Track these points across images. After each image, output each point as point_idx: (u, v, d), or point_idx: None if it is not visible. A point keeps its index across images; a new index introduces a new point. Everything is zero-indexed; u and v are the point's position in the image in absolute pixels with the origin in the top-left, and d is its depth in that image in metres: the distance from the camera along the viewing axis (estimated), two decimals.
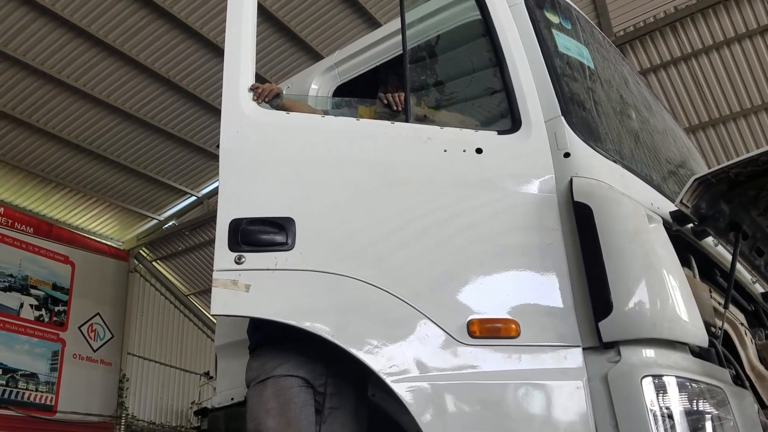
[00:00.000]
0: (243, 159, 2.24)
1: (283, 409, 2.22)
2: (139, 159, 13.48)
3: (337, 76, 3.29)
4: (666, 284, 2.02)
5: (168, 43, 10.96)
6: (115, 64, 11.11)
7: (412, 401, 1.95)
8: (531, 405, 1.95)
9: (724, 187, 2.27)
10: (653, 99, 3.67)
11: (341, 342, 2.02)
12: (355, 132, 2.33)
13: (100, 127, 12.38)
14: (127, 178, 13.96)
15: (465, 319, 2.05)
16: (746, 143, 11.74)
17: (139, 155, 13.39)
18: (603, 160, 2.28)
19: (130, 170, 13.64)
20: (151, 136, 12.92)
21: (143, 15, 10.28)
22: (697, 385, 1.95)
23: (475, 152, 2.26)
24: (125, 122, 12.43)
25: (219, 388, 3.08)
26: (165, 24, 10.58)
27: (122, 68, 11.22)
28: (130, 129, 12.63)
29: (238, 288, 2.06)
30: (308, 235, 2.13)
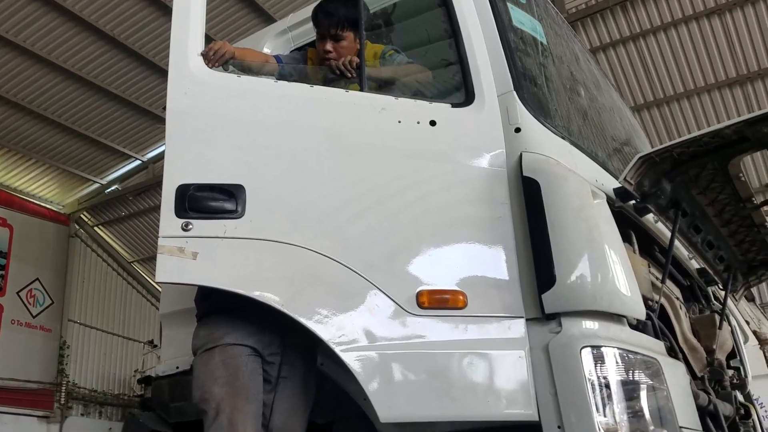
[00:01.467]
0: (191, 122, 2.18)
1: (230, 378, 2.20)
2: (80, 120, 12.99)
3: (291, 41, 3.22)
4: (607, 259, 2.08)
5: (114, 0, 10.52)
6: (57, 20, 10.60)
7: (360, 370, 1.97)
8: (475, 373, 2.00)
9: (667, 166, 2.34)
10: (602, 77, 3.73)
11: (291, 311, 2.01)
12: (309, 99, 2.28)
13: (41, 86, 11.86)
14: (68, 140, 13.45)
15: (414, 290, 2.07)
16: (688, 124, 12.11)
17: (81, 116, 12.89)
18: (552, 137, 2.32)
19: (72, 131, 13.14)
20: (94, 96, 12.44)
21: None
22: (634, 356, 2.02)
23: (429, 124, 2.26)
24: (67, 81, 11.92)
25: (164, 357, 3.04)
26: None
27: (65, 24, 10.73)
28: (73, 88, 12.13)
29: (184, 255, 2.02)
30: (259, 203, 2.10)
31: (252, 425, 2.18)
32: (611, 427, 1.86)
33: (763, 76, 11.48)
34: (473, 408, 1.98)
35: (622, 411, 1.91)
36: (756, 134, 2.13)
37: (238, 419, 2.15)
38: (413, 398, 1.98)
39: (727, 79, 11.60)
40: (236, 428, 2.14)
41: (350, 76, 2.50)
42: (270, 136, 2.20)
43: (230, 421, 2.15)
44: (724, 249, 3.16)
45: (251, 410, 2.19)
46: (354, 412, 2.26)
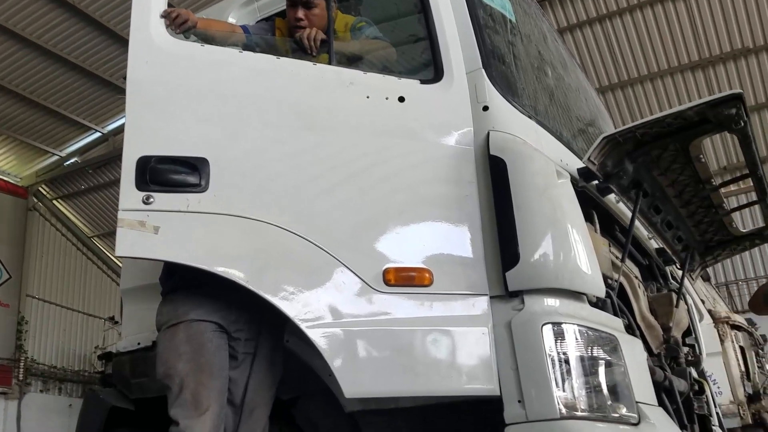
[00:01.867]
0: (152, 92, 2.12)
1: (195, 354, 2.19)
2: (39, 90, 12.60)
3: (257, 11, 3.14)
4: (569, 238, 2.10)
5: None
6: None
7: (326, 346, 1.97)
8: (439, 350, 2.02)
9: (630, 147, 2.37)
10: (569, 57, 3.75)
11: (255, 288, 2.00)
12: (275, 71, 2.24)
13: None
14: (26, 110, 13.04)
15: (381, 267, 2.07)
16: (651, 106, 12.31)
17: (40, 86, 12.50)
18: (519, 116, 2.32)
19: (29, 101, 12.74)
20: (52, 65, 12.06)
21: None
22: (593, 332, 2.06)
23: (398, 100, 2.24)
24: (25, 49, 11.52)
25: (125, 333, 2.99)
26: None
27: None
28: (31, 57, 11.73)
29: (145, 229, 1.98)
30: (223, 177, 2.07)
31: (216, 401, 2.17)
32: (570, 401, 1.90)
33: (725, 60, 11.72)
34: (436, 383, 2.00)
35: (581, 386, 1.95)
36: (717, 116, 2.17)
37: (202, 395, 2.14)
38: (378, 374, 1.99)
39: (690, 63, 11.81)
40: (200, 404, 2.13)
41: (312, 53, 2.46)
42: (235, 109, 2.16)
43: (194, 397, 2.13)
44: (682, 229, 3.23)
45: (216, 386, 2.18)
46: (319, 388, 2.27)
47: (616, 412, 2.03)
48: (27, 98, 12.60)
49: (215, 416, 2.15)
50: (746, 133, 2.30)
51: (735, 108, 2.13)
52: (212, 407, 2.14)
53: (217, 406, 2.17)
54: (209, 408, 2.13)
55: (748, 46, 11.42)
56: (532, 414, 1.89)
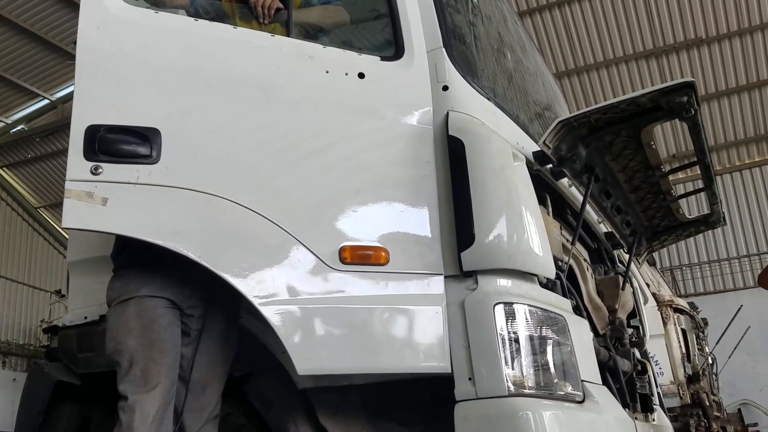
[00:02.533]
0: (103, 60, 2.04)
1: (145, 330, 2.15)
2: None
3: None
4: (523, 220, 2.13)
5: None
6: None
7: (280, 324, 1.95)
8: (393, 328, 2.03)
9: (584, 131, 2.41)
10: (528, 40, 3.78)
11: (209, 264, 1.96)
12: (232, 41, 2.18)
13: None
14: None
15: (337, 245, 2.06)
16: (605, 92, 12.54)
17: None
18: (478, 97, 2.33)
19: None
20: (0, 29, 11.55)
21: None
22: (543, 312, 2.11)
23: (358, 77, 2.22)
24: None
25: (71, 306, 2.91)
26: None
27: None
28: None
29: (93, 201, 1.92)
30: (176, 149, 2.01)
31: (167, 377, 2.14)
32: (518, 379, 1.94)
33: (678, 50, 12.00)
34: (389, 361, 2.01)
35: (529, 364, 1.99)
36: (669, 103, 2.22)
37: (152, 370, 2.11)
38: (331, 351, 1.99)
39: (645, 51, 12.06)
40: (150, 380, 2.10)
41: (264, 21, 2.40)
42: (189, 79, 2.09)
43: (144, 373, 2.10)
44: (631, 214, 3.31)
45: (166, 362, 2.15)
46: (272, 365, 2.26)
47: (562, 390, 2.09)
48: None
49: (165, 392, 2.12)
50: (696, 121, 2.36)
51: (687, 96, 2.18)
52: (162, 383, 2.11)
53: (168, 382, 2.14)
54: (159, 384, 2.10)
55: (702, 37, 11.72)
56: (482, 391, 1.92)
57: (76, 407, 2.86)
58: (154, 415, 2.07)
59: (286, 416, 2.33)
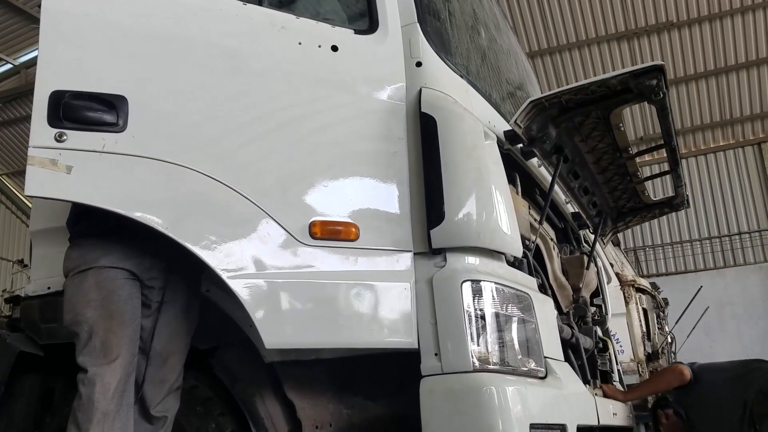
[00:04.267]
0: (69, 24, 1.97)
1: (105, 301, 2.11)
2: None
3: None
4: (492, 199, 2.15)
5: None
6: None
7: (248, 297, 1.94)
8: (362, 304, 2.04)
9: (555, 112, 2.43)
10: (502, 19, 3.77)
11: (176, 236, 1.93)
12: (204, 8, 2.12)
13: None
14: None
15: (308, 220, 2.05)
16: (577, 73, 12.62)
17: None
18: (451, 74, 2.32)
19: None
20: None
21: None
22: (508, 290, 2.14)
23: (331, 49, 2.19)
24: None
25: (34, 276, 2.86)
26: None
27: None
28: None
29: (57, 168, 1.87)
30: (144, 118, 1.96)
31: (127, 348, 2.12)
32: (483, 355, 1.97)
33: (649, 33, 12.12)
34: (357, 336, 2.03)
35: (494, 341, 2.03)
36: (639, 86, 2.25)
37: (112, 342, 2.08)
38: (299, 326, 1.99)
39: (617, 33, 12.15)
40: (110, 351, 2.07)
41: None
42: (158, 46, 2.04)
43: (104, 344, 2.08)
44: (598, 195, 3.36)
45: (126, 333, 2.13)
46: (239, 338, 2.26)
47: (526, 366, 2.13)
48: None
49: (126, 364, 2.10)
50: (664, 105, 2.39)
51: (656, 79, 2.21)
52: (123, 355, 2.09)
53: (128, 353, 2.12)
54: (119, 355, 2.08)
55: (672, 21, 11.85)
56: (447, 366, 1.95)
57: (38, 378, 2.82)
58: (115, 387, 2.05)
59: (253, 390, 2.33)
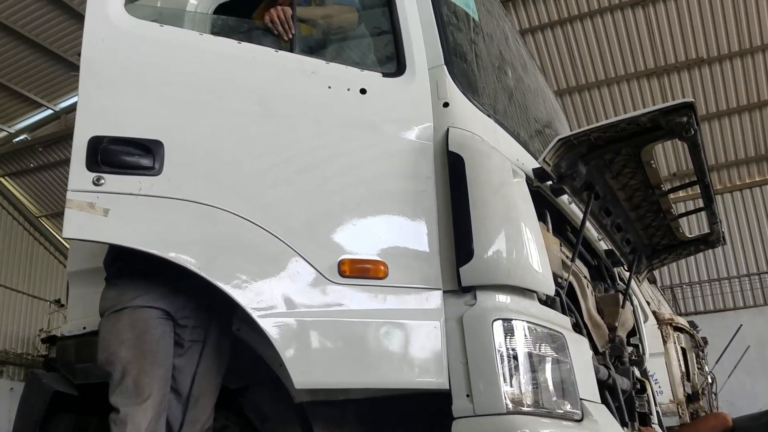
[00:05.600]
0: (107, 71, 2.06)
1: (138, 340, 2.14)
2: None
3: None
4: (522, 236, 2.14)
5: None
6: None
7: (277, 336, 1.95)
8: (391, 342, 2.03)
9: (584, 149, 2.42)
10: (529, 59, 3.80)
11: (208, 275, 1.96)
12: (237, 56, 2.20)
13: None
14: None
15: (337, 258, 2.06)
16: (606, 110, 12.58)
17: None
18: (478, 114, 2.34)
19: None
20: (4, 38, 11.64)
21: None
22: (541, 329, 2.10)
23: (359, 92, 2.24)
24: None
25: (70, 317, 2.92)
26: None
27: None
28: None
29: (95, 211, 1.93)
30: (179, 161, 2.02)
31: (159, 388, 2.13)
32: (516, 396, 1.93)
33: (679, 69, 12.06)
34: (387, 376, 2.01)
35: (528, 382, 1.98)
36: (669, 123, 2.23)
37: (144, 382, 2.10)
38: (329, 365, 1.99)
39: (646, 70, 12.12)
40: (142, 391, 2.09)
41: (288, 36, 2.43)
42: (193, 92, 2.11)
43: (136, 384, 2.09)
44: (631, 232, 3.31)
45: (159, 373, 2.15)
46: (269, 377, 2.26)
47: (561, 408, 2.08)
48: None
49: (157, 404, 2.12)
50: (696, 142, 2.37)
51: (686, 116, 2.19)
52: (154, 395, 2.10)
53: (160, 393, 2.13)
54: (151, 395, 2.10)
55: (702, 57, 11.79)
56: (480, 408, 1.92)
57: (73, 418, 2.85)
58: (146, 427, 2.06)
59: (282, 430, 2.32)
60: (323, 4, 2.67)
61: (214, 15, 2.99)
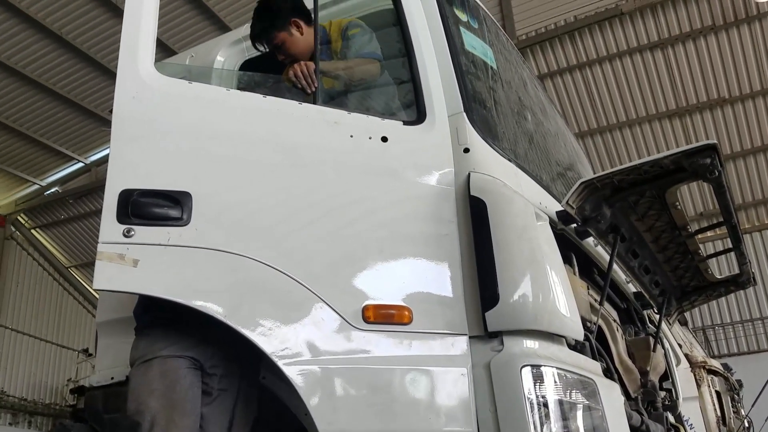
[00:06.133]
0: (138, 127, 2.13)
1: (167, 390, 2.15)
2: (22, 119, 12.57)
3: (245, 50, 3.20)
4: (548, 280, 2.12)
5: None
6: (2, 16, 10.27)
7: (303, 384, 1.95)
8: (417, 390, 2.01)
9: (608, 192, 2.41)
10: (548, 102, 3.84)
11: (234, 323, 1.98)
12: (262, 109, 2.27)
13: None
14: (7, 138, 12.99)
15: (360, 304, 2.07)
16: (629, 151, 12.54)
17: (23, 115, 12.48)
18: (499, 158, 2.37)
19: (12, 130, 12.70)
20: (37, 95, 12.07)
21: None
22: (571, 376, 2.06)
23: (381, 140, 2.28)
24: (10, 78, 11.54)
25: (98, 367, 2.94)
26: None
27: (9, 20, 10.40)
28: (16, 86, 11.75)
29: (125, 262, 1.97)
30: (206, 211, 2.07)
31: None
32: None
33: (701, 110, 12.02)
34: (414, 424, 1.98)
35: (559, 429, 1.94)
36: (692, 165, 2.22)
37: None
38: (355, 413, 1.97)
39: (667, 111, 12.10)
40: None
41: (312, 89, 2.50)
42: (220, 145, 2.17)
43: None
44: (659, 274, 3.27)
45: (187, 424, 2.14)
46: (295, 427, 2.24)
47: None
48: (9, 127, 12.54)
49: None
50: (721, 183, 2.35)
51: (710, 158, 2.18)
52: None
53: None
54: None
55: (724, 97, 11.75)
56: None
57: None
58: None
59: None
60: (345, 58, 2.74)
61: (240, 71, 3.10)
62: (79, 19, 10.61)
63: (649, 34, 11.30)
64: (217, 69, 3.13)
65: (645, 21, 11.22)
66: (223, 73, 3.12)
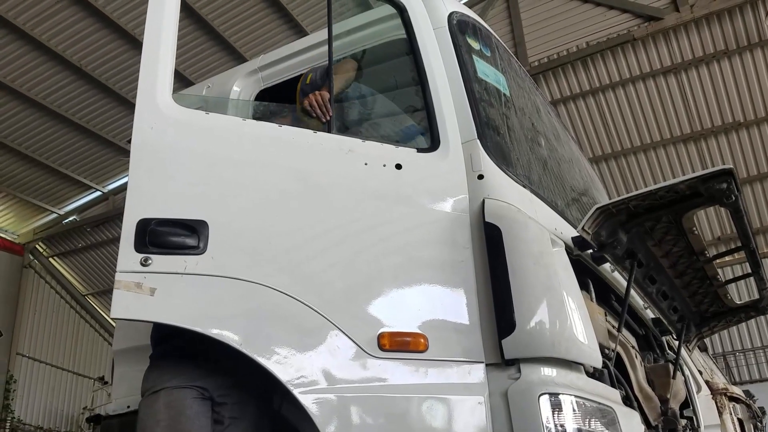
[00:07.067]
0: (156, 156, 2.16)
1: (173, 421, 2.15)
2: (41, 149, 12.78)
3: (261, 81, 3.25)
4: (565, 306, 2.10)
5: (83, 31, 10.50)
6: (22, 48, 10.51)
7: (318, 413, 1.94)
8: (434, 418, 1.99)
9: (623, 218, 2.40)
10: (562, 128, 3.84)
11: (249, 351, 1.98)
12: (277, 138, 2.30)
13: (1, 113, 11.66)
14: (26, 168, 13.19)
15: (376, 331, 2.06)
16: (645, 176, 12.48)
17: (42, 144, 12.69)
18: (514, 185, 2.37)
19: (31, 159, 12.90)
20: (56, 125, 12.28)
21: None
22: (590, 404, 2.04)
23: (395, 167, 2.29)
24: (29, 109, 11.76)
25: (115, 395, 2.95)
26: (81, 11, 10.14)
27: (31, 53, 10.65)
28: (35, 117, 11.96)
29: (142, 291, 1.98)
30: (222, 239, 2.09)
31: None
32: None
33: (716, 134, 11.97)
34: None
35: None
36: (708, 190, 2.20)
37: None
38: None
39: (682, 135, 12.05)
40: None
41: (326, 118, 2.53)
42: (235, 174, 2.20)
43: None
44: (678, 300, 3.23)
45: None
46: None
47: None
48: (28, 156, 12.75)
49: None
50: (738, 207, 2.33)
51: (726, 182, 2.16)
52: None
53: None
54: None
55: (740, 120, 11.69)
56: None
57: None
58: None
59: None
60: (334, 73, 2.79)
61: (255, 102, 3.14)
62: (98, 51, 10.83)
63: (662, 58, 11.32)
64: (233, 99, 3.18)
65: (657, 46, 11.24)
66: (240, 103, 3.17)
